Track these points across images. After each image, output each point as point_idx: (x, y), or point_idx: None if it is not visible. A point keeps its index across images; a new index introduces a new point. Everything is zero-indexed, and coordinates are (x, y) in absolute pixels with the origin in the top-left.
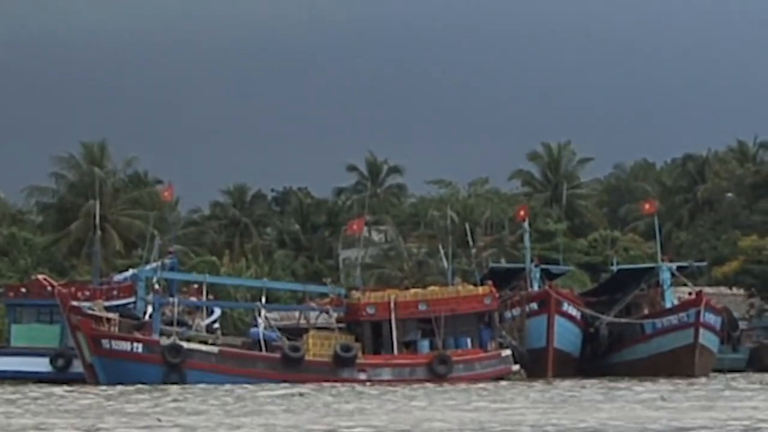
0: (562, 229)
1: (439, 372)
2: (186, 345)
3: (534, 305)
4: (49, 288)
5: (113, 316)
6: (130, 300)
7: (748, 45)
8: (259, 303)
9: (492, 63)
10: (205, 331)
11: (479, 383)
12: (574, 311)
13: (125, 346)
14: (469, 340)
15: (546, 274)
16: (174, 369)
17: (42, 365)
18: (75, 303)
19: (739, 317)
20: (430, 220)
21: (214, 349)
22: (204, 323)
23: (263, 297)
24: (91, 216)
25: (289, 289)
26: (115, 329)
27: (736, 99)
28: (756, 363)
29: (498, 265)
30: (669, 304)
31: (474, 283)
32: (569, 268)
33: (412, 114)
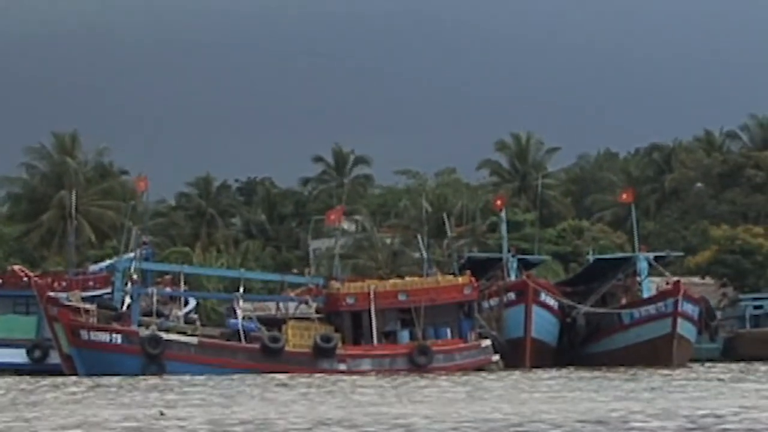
0: (531, 219)
1: (419, 362)
2: (165, 336)
3: (512, 295)
4: (25, 279)
5: (91, 307)
6: (106, 291)
7: (713, 36)
8: (238, 293)
9: (456, 54)
10: (184, 322)
11: (458, 373)
12: (551, 301)
13: (104, 337)
14: (449, 330)
15: (523, 264)
16: (153, 360)
17: (18, 356)
18: (52, 294)
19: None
20: (401, 210)
21: (193, 340)
22: (181, 314)
23: (241, 287)
24: (63, 206)
25: (268, 280)
26: (93, 320)
27: (701, 89)
28: (730, 353)
29: (475, 255)
30: (647, 293)
31: (449, 273)
32: (545, 258)
33: (376, 105)
